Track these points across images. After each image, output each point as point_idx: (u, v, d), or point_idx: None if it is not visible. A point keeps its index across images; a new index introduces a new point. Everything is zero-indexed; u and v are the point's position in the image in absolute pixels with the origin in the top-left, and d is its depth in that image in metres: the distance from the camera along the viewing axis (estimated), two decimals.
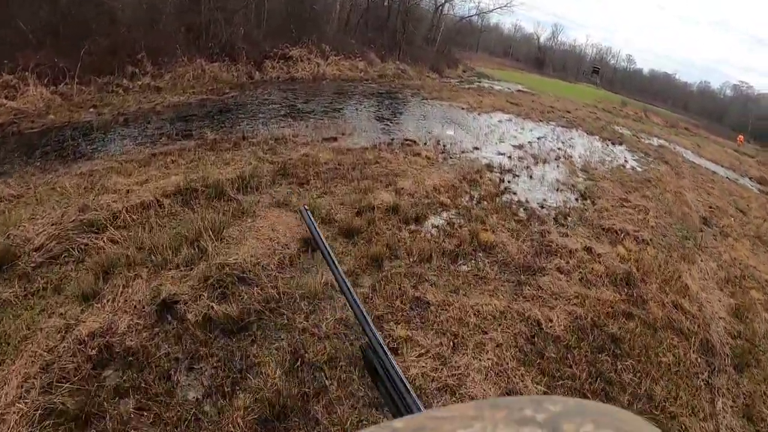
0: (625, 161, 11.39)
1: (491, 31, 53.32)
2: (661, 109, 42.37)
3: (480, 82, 24.26)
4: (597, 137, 14.28)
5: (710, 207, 9.20)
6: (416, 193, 5.27)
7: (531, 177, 7.50)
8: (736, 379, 3.46)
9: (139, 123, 7.22)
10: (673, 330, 3.80)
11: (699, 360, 3.50)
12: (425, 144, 8.08)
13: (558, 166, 8.72)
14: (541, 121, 14.58)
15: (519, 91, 24.36)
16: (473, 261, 4.12)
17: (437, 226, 4.68)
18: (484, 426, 0.21)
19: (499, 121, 12.68)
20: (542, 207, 6.10)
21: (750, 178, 17.53)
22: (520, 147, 9.68)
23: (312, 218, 0.81)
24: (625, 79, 65.42)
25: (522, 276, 4.02)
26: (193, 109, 8.55)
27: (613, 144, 13.73)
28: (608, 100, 34.91)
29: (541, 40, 65.22)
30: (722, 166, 18.38)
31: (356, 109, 10.69)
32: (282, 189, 4.82)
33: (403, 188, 5.29)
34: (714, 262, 5.91)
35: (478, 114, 13.09)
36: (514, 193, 6.38)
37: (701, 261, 5.74)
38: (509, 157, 8.52)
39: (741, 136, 36.91)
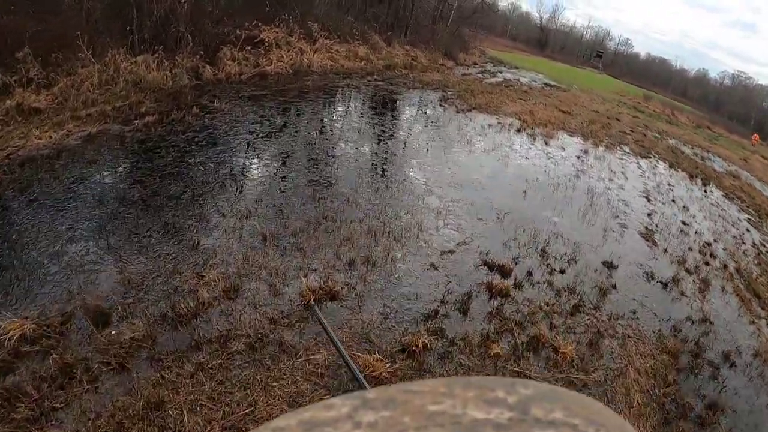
0: (748, 231, 8.16)
1: (494, 8, 48.68)
2: (677, 103, 39.55)
3: (501, 72, 20.10)
4: (682, 172, 10.83)
5: None
6: None
7: (733, 363, 3.79)
8: None
9: None
10: None
11: None
12: (531, 279, 4.15)
13: (724, 292, 5.03)
14: (613, 146, 10.87)
15: (547, 85, 20.43)
16: None
17: None
18: (454, 404, 0.21)
19: (578, 158, 8.85)
20: None
21: None
22: (649, 237, 5.89)
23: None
24: (623, 63, 62.37)
25: None
26: (49, 177, 4.33)
27: (704, 185, 10.42)
28: (630, 93, 31.45)
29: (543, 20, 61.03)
30: None
31: (371, 154, 6.54)
32: None
33: None
34: None
35: (544, 141, 9.20)
36: None
37: None
38: (666, 286, 4.71)
39: (756, 135, 35.60)
